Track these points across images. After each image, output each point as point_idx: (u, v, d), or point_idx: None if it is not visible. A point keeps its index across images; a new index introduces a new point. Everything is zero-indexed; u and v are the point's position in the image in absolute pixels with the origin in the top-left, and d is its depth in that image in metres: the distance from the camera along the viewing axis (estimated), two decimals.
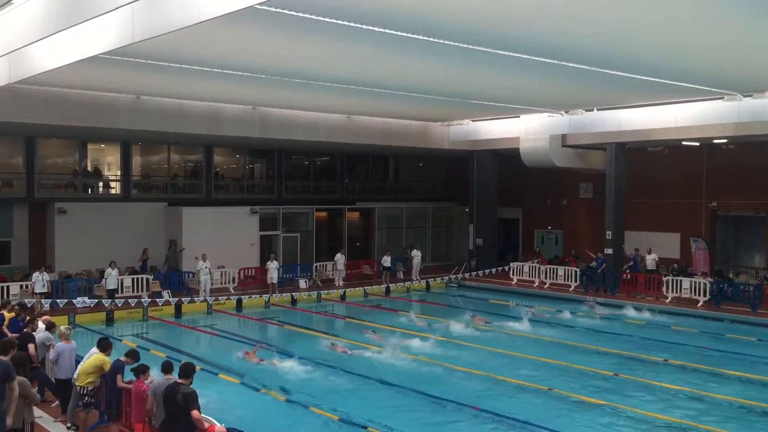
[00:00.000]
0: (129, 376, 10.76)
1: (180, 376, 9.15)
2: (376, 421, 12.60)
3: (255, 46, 15.86)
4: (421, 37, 14.11)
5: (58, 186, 28.12)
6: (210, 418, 9.39)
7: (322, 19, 12.52)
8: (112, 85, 21.66)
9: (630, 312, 24.34)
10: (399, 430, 12.29)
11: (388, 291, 29.06)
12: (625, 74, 18.09)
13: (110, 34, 12.76)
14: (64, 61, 14.59)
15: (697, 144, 28.40)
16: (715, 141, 27.55)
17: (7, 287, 23.11)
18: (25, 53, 15.54)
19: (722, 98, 22.70)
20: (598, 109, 26.83)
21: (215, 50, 16.29)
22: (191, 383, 9.10)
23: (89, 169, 29.17)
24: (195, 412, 8.79)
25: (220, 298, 25.00)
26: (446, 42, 14.51)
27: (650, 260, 27.78)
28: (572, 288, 28.65)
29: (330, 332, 21.05)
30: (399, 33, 13.74)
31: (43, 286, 22.81)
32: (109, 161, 30.20)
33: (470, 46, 14.89)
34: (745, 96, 22.29)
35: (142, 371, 10.18)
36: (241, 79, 19.47)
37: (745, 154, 28.53)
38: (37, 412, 10.96)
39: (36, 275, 23.00)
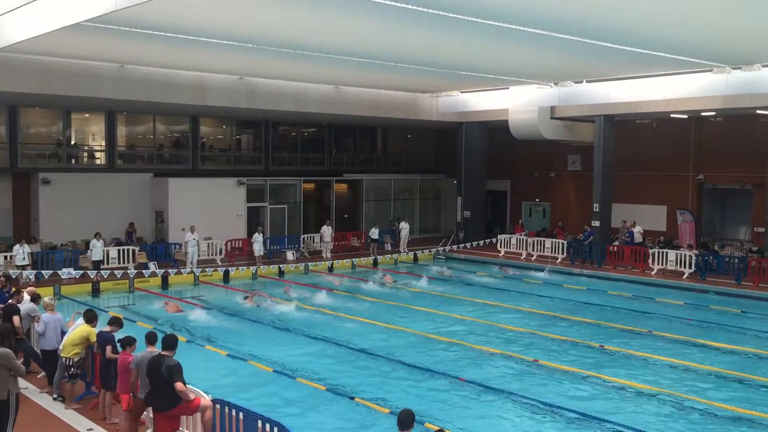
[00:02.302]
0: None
1: (163, 347, 9.10)
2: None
3: (241, 14, 15.62)
4: (410, 7, 13.95)
5: (42, 156, 27.79)
6: (197, 390, 9.37)
7: None
8: (95, 53, 21.34)
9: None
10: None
11: (375, 263, 29.10)
12: (615, 46, 18.03)
13: (93, 2, 12.53)
14: (46, 29, 14.34)
15: (686, 117, 28.40)
16: (703, 114, 27.56)
17: None
18: (6, 20, 15.25)
19: (711, 70, 22.70)
20: (587, 81, 26.81)
21: (201, 18, 16.06)
22: (174, 354, 9.07)
23: (73, 140, 28.85)
24: (179, 384, 8.76)
25: (207, 269, 24.94)
26: (436, 12, 14.35)
27: (636, 233, 27.92)
28: (559, 260, 28.78)
29: (309, 303, 21.18)
30: (388, 2, 13.56)
31: (24, 258, 22.60)
32: (93, 131, 29.84)
33: (459, 16, 14.74)
34: (734, 68, 22.29)
35: (129, 343, 10.13)
36: (228, 48, 19.23)
37: (733, 126, 28.57)
38: (22, 383, 10.92)
39: (17, 248, 22.78)
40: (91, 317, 11.34)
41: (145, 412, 9.85)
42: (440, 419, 11.41)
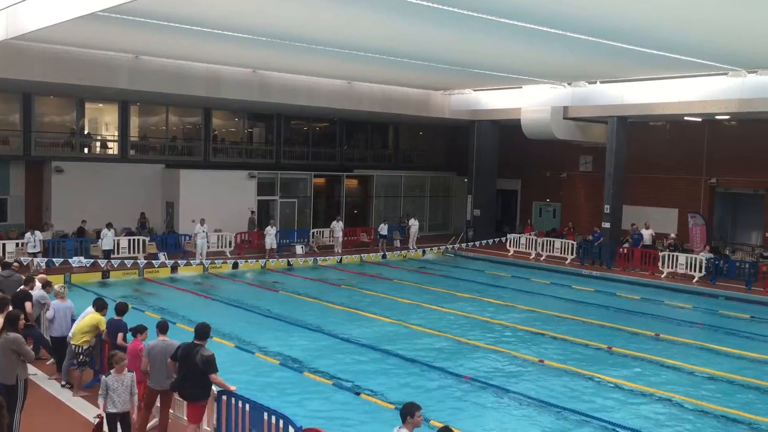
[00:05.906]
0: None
1: (197, 337, 9.13)
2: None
3: (256, 7, 15.65)
4: (424, 3, 13.92)
5: (56, 145, 27.95)
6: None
7: None
8: (110, 43, 21.42)
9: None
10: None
11: (384, 259, 29.10)
12: (630, 47, 17.93)
13: None
14: (61, 18, 14.39)
15: (699, 120, 28.24)
16: (717, 117, 27.38)
17: (3, 245, 23.07)
18: (21, 9, 15.34)
19: (726, 74, 22.55)
20: (601, 82, 26.69)
21: (215, 10, 16.09)
22: (207, 343, 9.14)
23: (86, 129, 28.98)
24: (214, 377, 8.92)
25: (216, 261, 25.02)
26: (450, 8, 14.31)
27: (647, 235, 27.81)
28: (568, 261, 28.71)
29: (311, 295, 21.21)
30: None
31: (35, 246, 22.76)
32: (106, 121, 29.98)
33: (474, 14, 14.70)
34: (749, 72, 22.15)
35: (140, 331, 10.21)
36: (242, 41, 19.27)
37: (747, 131, 28.37)
38: (31, 369, 11.00)
39: (28, 236, 22.95)
40: (101, 305, 11.41)
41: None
42: (443, 416, 11.42)
